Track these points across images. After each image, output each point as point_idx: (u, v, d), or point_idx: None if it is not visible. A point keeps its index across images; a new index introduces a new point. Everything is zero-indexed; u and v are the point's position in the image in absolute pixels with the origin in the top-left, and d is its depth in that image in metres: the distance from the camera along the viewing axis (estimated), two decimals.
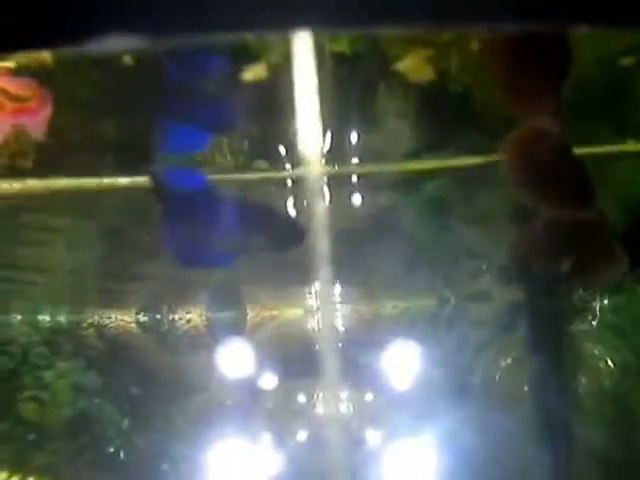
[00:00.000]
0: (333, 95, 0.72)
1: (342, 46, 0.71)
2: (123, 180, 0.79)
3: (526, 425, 0.93)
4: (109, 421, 0.95)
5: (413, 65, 0.69)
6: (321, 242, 0.76)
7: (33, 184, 0.79)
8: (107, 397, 0.95)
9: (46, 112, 0.77)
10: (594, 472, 0.92)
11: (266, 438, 0.94)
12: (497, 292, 0.93)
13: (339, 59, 0.72)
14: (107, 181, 0.79)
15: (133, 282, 0.96)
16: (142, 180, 0.79)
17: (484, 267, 0.92)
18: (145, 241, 0.88)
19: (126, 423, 0.95)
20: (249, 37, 0.63)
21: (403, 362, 0.92)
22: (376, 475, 0.93)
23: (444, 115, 0.76)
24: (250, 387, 0.93)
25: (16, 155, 0.78)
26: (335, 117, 0.74)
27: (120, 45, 0.44)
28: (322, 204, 0.77)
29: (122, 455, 0.95)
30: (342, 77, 0.73)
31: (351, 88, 0.75)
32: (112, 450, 0.95)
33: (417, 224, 0.87)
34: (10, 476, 0.90)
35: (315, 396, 0.96)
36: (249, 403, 0.95)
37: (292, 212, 0.82)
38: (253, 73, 0.73)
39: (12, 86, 0.76)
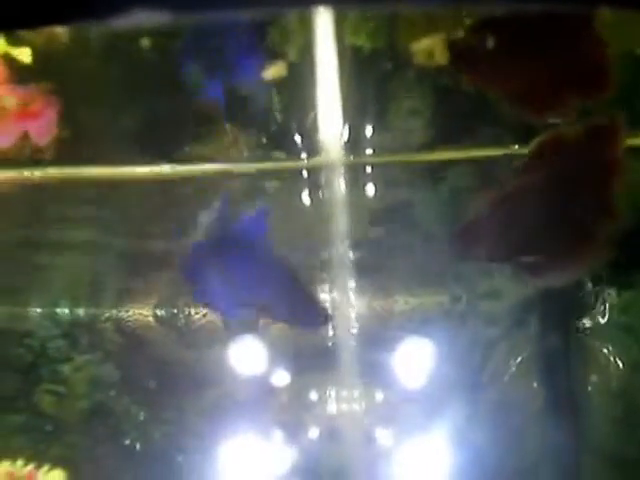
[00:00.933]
0: (351, 88, 0.73)
1: (361, 40, 0.71)
2: (142, 169, 0.80)
3: (536, 421, 0.93)
4: (125, 414, 0.96)
5: (427, 48, 0.70)
6: (335, 235, 0.77)
7: (53, 173, 0.79)
8: (124, 390, 0.96)
9: (49, 118, 0.76)
10: (603, 468, 0.92)
11: (278, 433, 0.95)
12: (508, 290, 0.94)
13: (357, 53, 0.72)
14: (125, 170, 0.80)
15: (150, 277, 0.97)
16: (161, 170, 0.79)
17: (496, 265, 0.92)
18: (163, 235, 0.89)
19: (142, 416, 0.96)
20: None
21: (415, 358, 0.93)
22: (388, 470, 0.93)
23: (460, 108, 0.76)
24: (263, 382, 0.94)
25: (37, 151, 0.79)
26: (352, 109, 0.75)
27: (143, 20, 0.45)
28: (339, 194, 0.78)
29: (138, 447, 0.96)
30: (360, 70, 0.74)
31: (369, 81, 0.75)
32: (128, 442, 0.96)
33: (431, 219, 0.88)
34: (24, 466, 0.91)
35: (328, 392, 0.96)
36: (262, 398, 0.95)
37: (308, 202, 0.83)
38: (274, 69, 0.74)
39: (15, 93, 0.76)
